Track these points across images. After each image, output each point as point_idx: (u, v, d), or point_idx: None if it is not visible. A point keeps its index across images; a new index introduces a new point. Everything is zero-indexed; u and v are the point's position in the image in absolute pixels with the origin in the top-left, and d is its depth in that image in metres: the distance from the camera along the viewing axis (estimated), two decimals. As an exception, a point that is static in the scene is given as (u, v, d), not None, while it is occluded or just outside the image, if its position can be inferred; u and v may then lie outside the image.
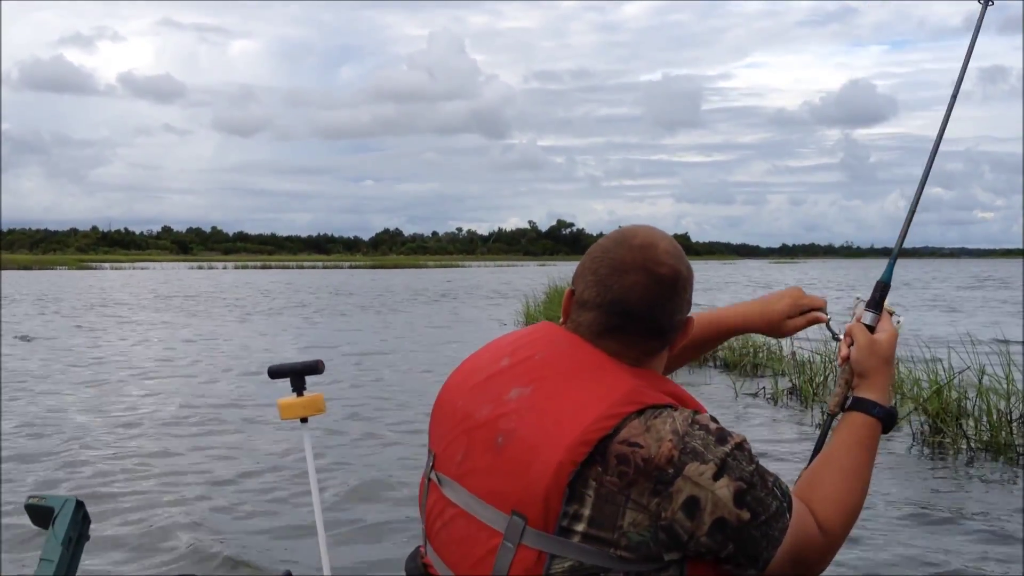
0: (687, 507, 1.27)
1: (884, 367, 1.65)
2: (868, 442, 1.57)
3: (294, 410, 2.82)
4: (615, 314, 1.42)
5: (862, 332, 1.68)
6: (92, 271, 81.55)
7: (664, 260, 1.43)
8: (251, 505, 5.65)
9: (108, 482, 6.21)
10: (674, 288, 1.44)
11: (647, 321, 1.42)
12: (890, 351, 1.66)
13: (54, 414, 8.91)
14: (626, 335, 1.43)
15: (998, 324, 16.93)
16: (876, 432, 1.59)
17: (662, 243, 1.46)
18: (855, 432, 1.58)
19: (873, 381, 1.63)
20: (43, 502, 2.02)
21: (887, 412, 1.60)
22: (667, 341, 1.48)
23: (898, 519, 5.38)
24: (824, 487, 1.50)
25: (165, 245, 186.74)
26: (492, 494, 1.36)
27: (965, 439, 7.10)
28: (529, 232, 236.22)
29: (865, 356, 1.65)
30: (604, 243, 1.49)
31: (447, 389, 1.56)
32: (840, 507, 1.49)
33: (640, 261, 1.42)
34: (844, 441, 1.57)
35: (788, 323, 1.91)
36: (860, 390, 1.63)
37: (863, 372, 1.64)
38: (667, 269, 1.43)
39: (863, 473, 1.55)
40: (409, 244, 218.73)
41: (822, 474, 1.53)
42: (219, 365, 13.15)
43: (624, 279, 1.42)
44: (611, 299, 1.42)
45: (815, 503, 1.46)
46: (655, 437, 1.29)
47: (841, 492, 1.50)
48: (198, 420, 8.60)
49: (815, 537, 1.42)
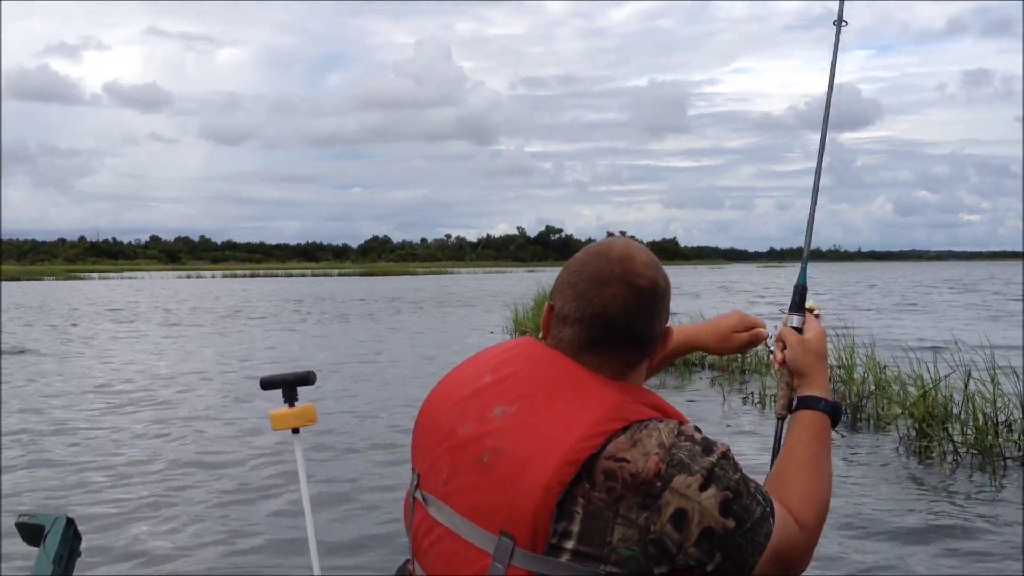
0: (675, 519, 1.28)
1: (819, 363, 1.72)
2: (822, 436, 1.62)
3: (286, 421, 2.83)
4: (596, 327, 1.43)
5: (791, 334, 1.75)
6: (81, 281, 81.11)
7: (642, 271, 1.44)
8: (242, 516, 5.65)
9: (98, 497, 6.19)
10: (653, 299, 1.45)
11: (628, 333, 1.43)
12: (821, 347, 1.73)
13: (40, 428, 8.87)
14: (607, 348, 1.44)
15: (971, 328, 17.03)
16: (827, 425, 1.64)
17: (639, 255, 1.47)
18: (807, 429, 1.63)
19: (812, 378, 1.70)
20: (34, 520, 2.03)
21: (832, 406, 1.66)
22: (647, 352, 1.48)
23: (885, 522, 5.40)
24: (792, 486, 1.53)
25: (153, 255, 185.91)
26: (479, 514, 1.35)
27: (951, 443, 7.14)
28: (518, 238, 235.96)
29: (799, 355, 1.72)
30: (582, 256, 1.49)
31: (429, 405, 1.56)
32: (811, 502, 1.52)
33: (619, 273, 1.43)
34: (799, 439, 1.62)
35: (735, 337, 2.01)
36: (802, 389, 1.70)
37: (800, 371, 1.71)
38: (646, 280, 1.44)
39: (824, 466, 1.59)
40: (398, 251, 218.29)
41: (786, 474, 1.57)
42: (210, 375, 13.11)
43: (604, 292, 1.42)
44: (591, 312, 1.43)
45: (787, 502, 1.48)
46: (641, 452, 1.30)
47: (809, 488, 1.53)
48: (189, 431, 8.58)
49: (797, 536, 1.44)
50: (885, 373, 8.89)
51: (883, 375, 8.87)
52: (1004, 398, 7.22)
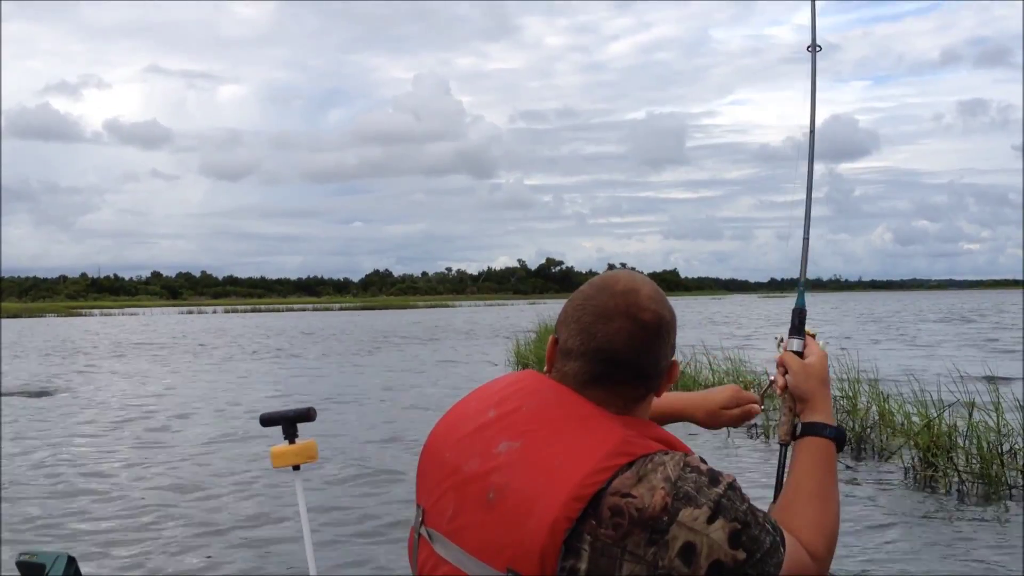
0: (683, 554, 1.26)
1: (821, 387, 1.69)
2: (828, 463, 1.60)
3: (286, 458, 2.79)
4: (600, 362, 1.41)
5: (793, 359, 1.72)
6: (82, 318, 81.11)
7: (647, 305, 1.42)
8: (244, 555, 5.60)
9: (100, 535, 6.15)
10: (658, 333, 1.43)
11: (632, 368, 1.41)
12: (823, 371, 1.70)
13: (44, 465, 8.83)
14: (612, 383, 1.42)
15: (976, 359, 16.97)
16: (832, 452, 1.62)
17: (644, 288, 1.45)
18: (813, 456, 1.61)
19: (815, 403, 1.67)
20: (34, 559, 2.02)
21: (837, 431, 1.63)
22: (653, 387, 1.47)
23: (890, 551, 5.36)
24: (801, 515, 1.52)
25: (155, 290, 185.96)
26: (485, 551, 1.34)
27: (956, 472, 7.10)
28: (518, 271, 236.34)
29: (802, 380, 1.69)
30: (586, 290, 1.48)
31: (433, 440, 1.54)
32: (820, 531, 1.50)
33: (623, 307, 1.41)
34: (805, 467, 1.59)
35: (725, 413, 1.94)
36: (806, 415, 1.67)
37: (803, 396, 1.68)
38: (650, 315, 1.42)
39: (832, 494, 1.57)
40: (399, 284, 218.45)
41: (795, 504, 1.55)
42: (209, 412, 13.06)
43: (608, 326, 1.41)
44: (595, 347, 1.41)
45: (797, 532, 1.47)
46: (648, 487, 1.28)
47: (818, 516, 1.52)
48: (189, 470, 8.54)
49: (807, 565, 1.43)
50: (888, 403, 8.85)
51: (886, 405, 8.83)
52: (1008, 427, 7.19)
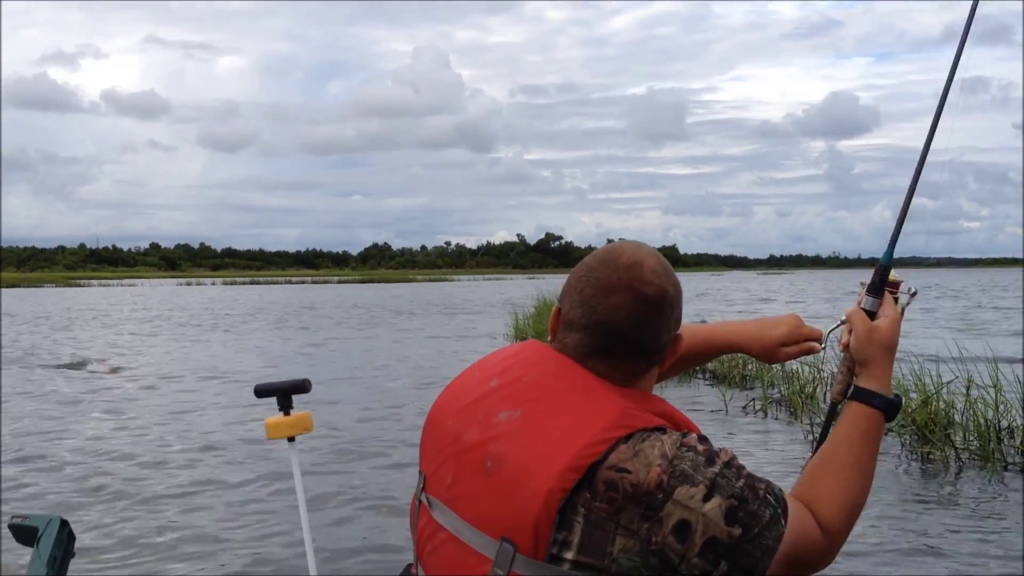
0: (677, 531, 1.26)
1: (884, 356, 1.58)
2: (870, 434, 1.53)
3: (281, 429, 2.80)
4: (601, 335, 1.39)
5: (861, 319, 1.61)
6: (81, 288, 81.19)
7: (650, 279, 1.40)
8: (238, 526, 5.62)
9: (93, 500, 6.17)
10: (660, 308, 1.40)
11: (634, 342, 1.39)
12: (890, 338, 1.59)
13: (39, 433, 8.85)
14: (612, 357, 1.40)
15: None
16: (878, 423, 1.54)
17: (648, 261, 1.42)
18: (855, 424, 1.54)
19: (872, 370, 1.58)
20: (27, 522, 2.01)
21: (888, 402, 1.55)
22: (655, 361, 1.45)
23: (887, 527, 5.39)
24: (825, 485, 1.47)
25: (153, 262, 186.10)
26: (482, 519, 1.34)
27: (953, 449, 7.12)
28: (518, 245, 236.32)
29: (864, 344, 1.59)
30: (590, 261, 1.45)
31: (436, 409, 1.54)
32: (841, 505, 1.46)
33: (626, 281, 1.39)
34: (845, 435, 1.53)
35: (782, 351, 1.86)
36: (860, 380, 1.58)
37: (863, 360, 1.59)
38: (653, 288, 1.39)
39: (865, 468, 1.51)
40: (398, 258, 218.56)
41: (823, 471, 1.50)
42: (205, 383, 13.10)
43: (610, 300, 1.39)
44: (596, 320, 1.39)
45: (816, 503, 1.44)
46: (643, 462, 1.27)
47: (842, 489, 1.47)
48: (183, 441, 8.55)
49: (815, 538, 1.41)
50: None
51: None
52: (1006, 404, 7.21)
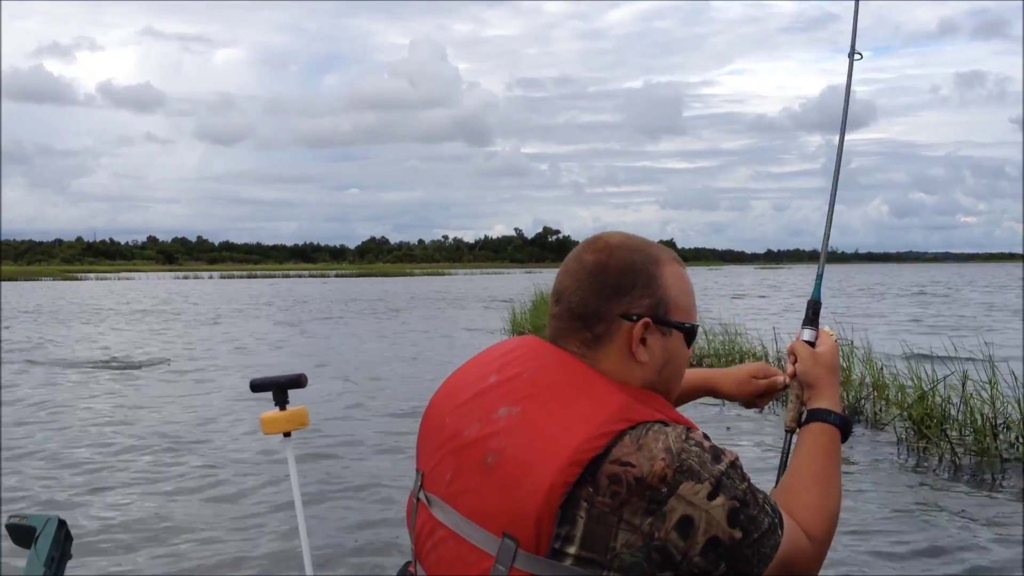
0: (680, 527, 1.26)
1: (830, 376, 1.70)
2: (831, 448, 1.60)
3: (277, 424, 2.78)
4: (555, 304, 1.48)
5: (803, 347, 1.74)
6: (78, 282, 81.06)
7: (598, 248, 1.46)
8: (234, 522, 5.61)
9: (90, 500, 6.16)
10: (598, 275, 1.44)
11: (572, 305, 1.45)
12: (833, 360, 1.72)
13: (32, 430, 8.84)
14: (562, 323, 1.46)
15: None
16: (836, 438, 1.62)
17: (609, 238, 1.48)
18: (816, 440, 1.60)
19: (822, 391, 1.68)
20: (25, 521, 2.01)
21: (842, 419, 1.64)
22: (597, 333, 1.44)
23: (882, 523, 5.40)
24: (801, 497, 1.51)
25: (151, 255, 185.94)
26: (482, 515, 1.34)
27: (949, 444, 7.14)
28: (515, 239, 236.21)
29: (810, 367, 1.70)
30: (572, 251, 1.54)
31: (434, 406, 1.55)
32: (820, 514, 1.50)
33: (578, 251, 1.48)
34: (809, 451, 1.59)
35: (752, 383, 1.95)
36: (812, 402, 1.68)
37: (811, 383, 1.69)
38: (594, 256, 1.46)
39: (834, 478, 1.57)
40: (396, 252, 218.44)
41: (796, 486, 1.54)
42: (201, 376, 13.09)
43: (563, 270, 1.48)
44: (555, 295, 1.48)
45: (796, 514, 1.47)
46: (647, 455, 1.27)
47: (819, 499, 1.52)
48: (179, 436, 8.53)
49: (805, 548, 1.43)
50: (883, 374, 8.88)
51: (881, 376, 8.86)
52: (1002, 400, 7.22)
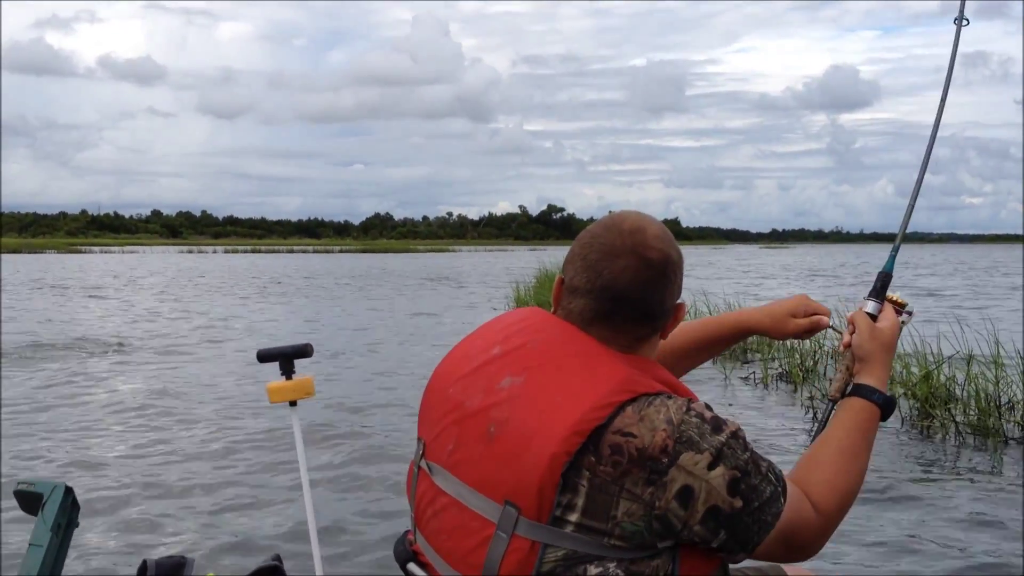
0: (681, 496, 1.28)
1: (884, 354, 1.67)
2: (866, 426, 1.59)
3: (283, 394, 2.82)
4: (605, 300, 1.42)
5: (863, 319, 1.71)
6: (83, 255, 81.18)
7: (654, 244, 1.43)
8: (239, 490, 5.63)
9: (96, 467, 6.19)
10: (664, 272, 1.44)
11: (637, 306, 1.42)
12: (891, 339, 1.68)
13: (37, 398, 8.88)
14: (616, 321, 1.43)
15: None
16: (875, 418, 1.61)
17: (652, 228, 1.46)
18: (854, 416, 1.59)
19: (872, 368, 1.65)
20: (32, 488, 2.01)
21: (886, 399, 1.62)
22: (658, 327, 1.47)
23: (885, 501, 5.40)
24: (821, 470, 1.51)
25: (155, 229, 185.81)
26: (484, 484, 1.36)
27: (954, 423, 7.14)
28: (520, 217, 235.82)
29: (866, 341, 1.67)
30: (594, 229, 1.49)
31: (437, 376, 1.55)
32: (836, 489, 1.49)
33: (630, 245, 1.42)
34: (843, 425, 1.59)
35: (792, 321, 1.88)
36: (860, 376, 1.66)
37: (863, 357, 1.66)
38: (656, 253, 1.43)
39: (861, 456, 1.56)
40: (400, 228, 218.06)
41: (820, 457, 1.54)
42: (207, 347, 13.10)
43: (614, 264, 1.42)
44: (601, 285, 1.42)
45: (811, 485, 1.47)
46: (649, 426, 1.29)
47: (838, 474, 1.51)
48: (185, 403, 8.56)
49: (810, 520, 1.43)
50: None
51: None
52: (1006, 379, 7.22)
